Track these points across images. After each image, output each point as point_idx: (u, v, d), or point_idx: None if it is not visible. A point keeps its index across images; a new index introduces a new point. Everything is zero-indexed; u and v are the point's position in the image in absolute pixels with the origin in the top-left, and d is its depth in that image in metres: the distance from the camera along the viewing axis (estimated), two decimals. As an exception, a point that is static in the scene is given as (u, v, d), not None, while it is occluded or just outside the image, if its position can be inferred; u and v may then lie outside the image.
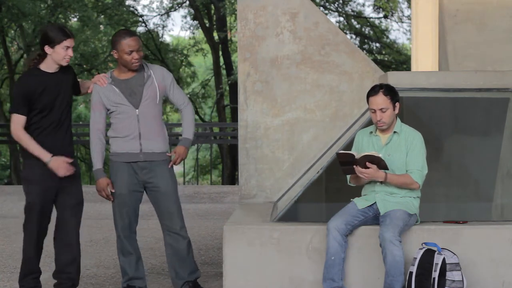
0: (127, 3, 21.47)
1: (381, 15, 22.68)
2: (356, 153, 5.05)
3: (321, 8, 20.80)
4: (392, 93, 5.13)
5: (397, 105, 5.15)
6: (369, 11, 30.66)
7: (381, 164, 5.00)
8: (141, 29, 22.08)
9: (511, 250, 5.09)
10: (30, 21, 18.84)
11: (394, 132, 5.18)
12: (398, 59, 21.79)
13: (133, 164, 5.35)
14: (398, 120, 5.22)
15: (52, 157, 5.05)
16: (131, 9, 21.85)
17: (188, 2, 22.09)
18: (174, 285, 5.50)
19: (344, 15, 22.47)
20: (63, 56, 5.06)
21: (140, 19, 22.25)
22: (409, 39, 22.70)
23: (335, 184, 5.90)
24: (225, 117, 21.83)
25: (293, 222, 5.34)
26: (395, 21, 22.77)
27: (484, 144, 6.36)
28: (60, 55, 5.06)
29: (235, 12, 17.53)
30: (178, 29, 58.16)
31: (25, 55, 20.27)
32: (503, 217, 6.00)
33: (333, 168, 5.59)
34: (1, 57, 20.72)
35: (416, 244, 5.03)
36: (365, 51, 21.60)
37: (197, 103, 23.25)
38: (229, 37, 21.88)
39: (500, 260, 5.10)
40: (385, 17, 22.64)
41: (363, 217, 5.11)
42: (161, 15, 22.54)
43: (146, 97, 5.31)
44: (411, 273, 4.85)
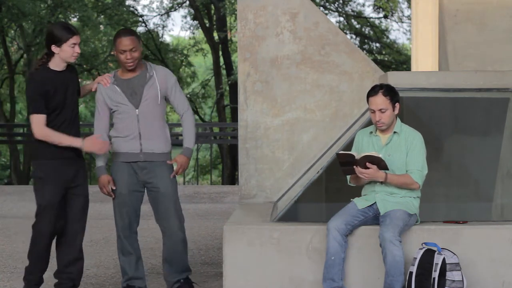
0: (127, 3, 21.48)
1: (381, 15, 22.69)
2: (356, 154, 5.05)
3: (321, 8, 20.80)
4: (392, 93, 5.12)
5: (397, 105, 5.14)
6: (369, 11, 30.65)
7: (381, 165, 5.00)
8: (141, 29, 22.08)
9: (511, 250, 5.09)
10: (30, 21, 18.83)
11: (394, 132, 5.18)
12: (398, 59, 21.78)
13: (133, 164, 5.35)
14: (398, 120, 5.22)
15: (83, 140, 5.09)
16: (131, 9, 21.86)
17: (188, 2, 22.09)
18: (166, 283, 5.54)
19: (344, 15, 22.48)
20: (71, 53, 5.07)
21: (140, 19, 22.26)
22: (409, 39, 22.71)
23: (335, 184, 5.90)
24: (225, 117, 21.82)
25: (293, 222, 5.33)
26: (395, 21, 22.79)
27: (484, 144, 6.35)
28: (68, 53, 5.06)
29: (235, 12, 17.53)
30: (178, 29, 58.18)
31: (25, 55, 20.27)
32: (503, 217, 6.00)
33: (333, 168, 5.59)
34: (1, 57, 20.71)
35: (416, 244, 5.03)
36: (365, 51, 21.60)
37: (197, 103, 23.24)
38: (229, 37, 21.88)
39: (500, 260, 5.09)
40: (385, 17, 22.64)
41: (363, 217, 5.10)
42: (161, 15, 22.56)
43: (146, 97, 5.31)
44: (411, 273, 4.85)
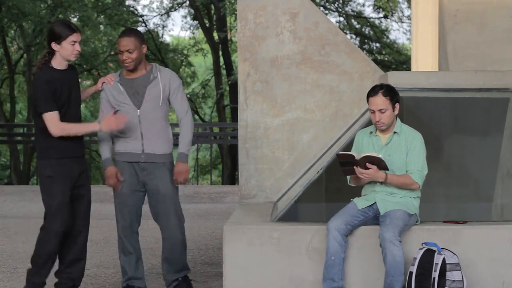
0: (127, 3, 21.47)
1: (381, 15, 22.68)
2: (356, 154, 5.05)
3: (321, 8, 20.79)
4: (392, 93, 5.12)
5: (397, 105, 5.14)
6: (369, 11, 30.64)
7: (381, 165, 5.00)
8: (141, 29, 22.05)
9: (511, 250, 5.09)
10: (30, 21, 18.83)
11: (394, 132, 5.18)
12: (398, 59, 21.77)
13: (135, 164, 5.36)
14: (398, 120, 5.22)
15: (100, 122, 5.12)
16: (131, 9, 21.85)
17: (188, 2, 22.09)
18: (165, 282, 5.55)
19: (344, 15, 22.47)
20: (71, 51, 5.04)
21: (140, 19, 22.26)
22: (409, 39, 22.71)
23: (335, 184, 5.90)
24: (225, 117, 21.82)
25: (293, 222, 5.33)
26: (395, 21, 22.79)
27: (484, 144, 6.35)
28: (68, 50, 5.03)
29: (235, 12, 17.52)
30: (178, 29, 58.14)
31: (25, 55, 20.27)
32: (503, 217, 5.99)
33: (333, 168, 5.59)
34: (1, 57, 20.71)
35: (416, 244, 5.03)
36: (365, 51, 21.59)
37: (197, 103, 23.23)
38: (229, 37, 21.87)
39: (500, 260, 5.09)
40: (385, 17, 22.64)
41: (363, 217, 5.10)
42: (161, 15, 22.56)
43: (148, 98, 5.31)
44: (411, 273, 4.85)
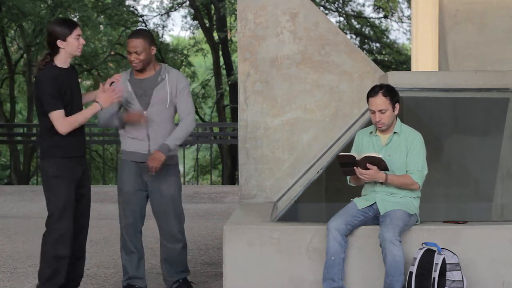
0: (127, 3, 21.46)
1: (381, 15, 22.67)
2: (356, 155, 5.05)
3: (321, 8, 20.79)
4: (392, 94, 5.12)
5: (397, 106, 5.14)
6: (369, 11, 30.63)
7: (381, 165, 5.00)
8: (141, 29, 22.06)
9: (511, 250, 5.09)
10: (30, 21, 18.82)
11: (394, 132, 5.18)
12: (398, 59, 21.77)
13: (140, 164, 5.35)
14: (398, 120, 5.22)
15: (99, 101, 5.07)
16: (131, 9, 21.84)
17: (188, 2, 22.09)
18: (165, 283, 5.55)
19: (344, 15, 22.47)
20: (76, 45, 5.05)
21: (140, 19, 22.24)
22: (409, 39, 22.70)
23: (335, 184, 5.90)
24: (225, 117, 21.81)
25: (293, 222, 5.33)
26: (395, 21, 22.77)
27: (484, 144, 6.35)
28: (74, 45, 5.04)
29: (235, 12, 17.52)
30: (178, 29, 58.12)
31: (25, 55, 20.27)
32: (503, 217, 5.99)
33: (333, 168, 5.59)
34: (1, 57, 20.70)
35: (416, 244, 5.03)
36: (365, 51, 21.59)
37: (197, 103, 23.21)
38: (229, 37, 21.87)
39: (500, 260, 5.09)
40: (385, 17, 22.63)
41: (363, 217, 5.10)
42: (161, 15, 22.54)
43: (155, 100, 5.30)
44: (411, 273, 4.85)
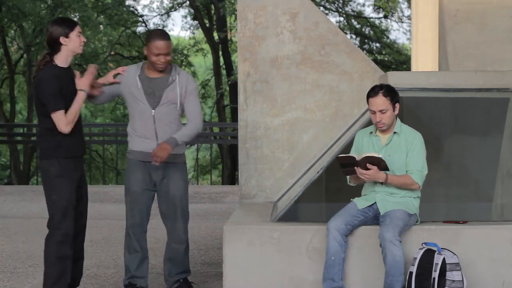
0: (127, 3, 21.47)
1: (381, 15, 22.69)
2: (356, 155, 5.05)
3: (321, 8, 20.79)
4: (392, 94, 5.12)
5: (397, 106, 5.14)
6: (369, 11, 30.68)
7: (381, 165, 5.00)
8: (141, 29, 22.09)
9: (511, 250, 5.09)
10: (30, 21, 18.83)
11: (394, 132, 5.18)
12: (398, 59, 21.78)
13: (148, 163, 5.34)
14: (398, 120, 5.22)
15: (80, 89, 5.04)
16: (131, 9, 21.85)
17: (188, 2, 22.10)
18: (166, 282, 5.55)
19: (344, 15, 22.48)
20: (79, 43, 5.05)
21: (140, 19, 22.26)
22: (409, 39, 22.72)
23: (335, 184, 5.90)
24: (225, 117, 21.82)
25: (293, 222, 5.33)
26: (395, 21, 22.80)
27: (484, 144, 6.35)
28: (76, 42, 5.03)
29: (235, 12, 17.52)
30: (178, 29, 58.24)
31: (25, 55, 20.27)
32: (503, 217, 5.99)
33: (333, 168, 5.59)
34: (1, 57, 20.71)
35: (416, 244, 5.03)
36: (365, 51, 21.59)
37: (197, 103, 23.20)
38: (229, 37, 21.87)
39: (500, 260, 5.09)
40: (385, 17, 22.64)
41: (363, 217, 5.10)
42: (161, 15, 22.56)
43: (164, 100, 5.30)
44: (411, 273, 4.85)
